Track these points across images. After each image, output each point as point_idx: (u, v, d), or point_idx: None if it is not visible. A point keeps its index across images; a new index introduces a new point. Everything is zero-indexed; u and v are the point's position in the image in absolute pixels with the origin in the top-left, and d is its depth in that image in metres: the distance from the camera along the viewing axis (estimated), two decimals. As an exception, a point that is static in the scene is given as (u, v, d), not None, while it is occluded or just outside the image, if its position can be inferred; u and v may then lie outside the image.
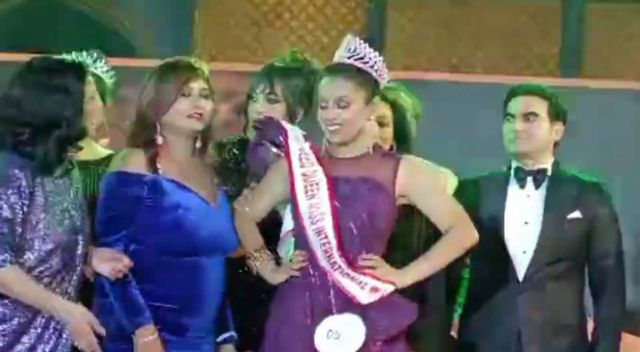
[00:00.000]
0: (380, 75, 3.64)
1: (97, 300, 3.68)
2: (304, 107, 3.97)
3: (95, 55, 4.41)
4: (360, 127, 3.60)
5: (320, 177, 3.58)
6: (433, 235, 3.79)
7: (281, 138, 3.73)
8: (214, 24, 8.59)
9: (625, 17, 8.74)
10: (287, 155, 3.68)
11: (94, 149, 4.24)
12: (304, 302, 3.56)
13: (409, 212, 3.87)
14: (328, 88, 3.58)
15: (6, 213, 3.43)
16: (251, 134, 4.04)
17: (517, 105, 4.18)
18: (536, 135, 4.16)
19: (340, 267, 3.49)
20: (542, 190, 4.18)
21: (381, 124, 4.13)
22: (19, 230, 3.45)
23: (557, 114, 4.19)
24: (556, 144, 4.27)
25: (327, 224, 3.52)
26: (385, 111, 4.15)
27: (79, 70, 3.63)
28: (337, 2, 8.18)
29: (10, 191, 3.44)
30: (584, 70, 8.37)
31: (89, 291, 4.05)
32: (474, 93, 5.53)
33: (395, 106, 4.24)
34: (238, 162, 4.11)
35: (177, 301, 3.64)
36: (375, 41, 8.88)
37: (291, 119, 3.91)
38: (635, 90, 7.26)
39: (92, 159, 4.14)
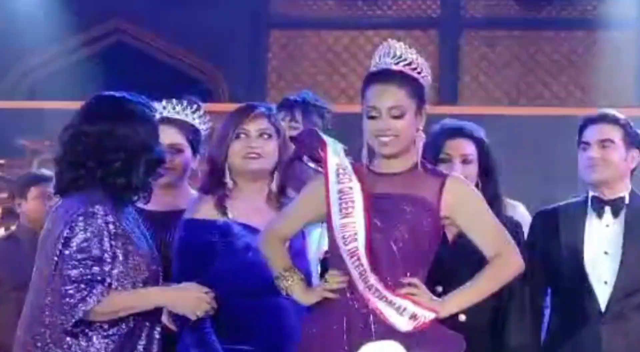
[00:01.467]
0: (426, 82, 3.52)
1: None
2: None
3: (185, 102, 4.34)
4: (411, 139, 3.45)
5: (358, 194, 3.42)
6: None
7: (320, 152, 3.59)
8: (288, 66, 8.79)
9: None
10: (325, 169, 3.54)
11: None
12: (341, 327, 3.44)
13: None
14: (380, 96, 3.43)
15: (95, 251, 3.49)
16: None
17: (592, 132, 4.16)
18: (612, 162, 4.13)
19: (377, 290, 3.36)
20: (621, 219, 4.14)
21: (465, 161, 4.11)
22: (109, 266, 3.52)
23: (632, 141, 4.15)
24: (632, 171, 4.24)
25: (360, 244, 3.38)
26: (471, 148, 4.15)
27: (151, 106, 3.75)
28: (410, 40, 8.27)
29: (96, 229, 3.51)
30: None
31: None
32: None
33: (480, 143, 4.22)
34: None
35: (258, 342, 3.66)
36: (449, 76, 8.95)
37: None
38: None
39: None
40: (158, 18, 9.34)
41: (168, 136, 4.17)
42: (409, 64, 3.43)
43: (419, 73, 3.43)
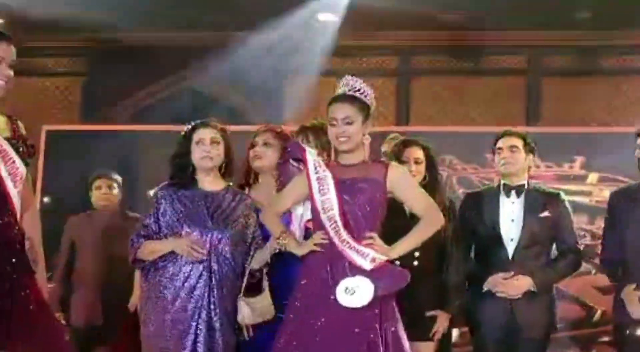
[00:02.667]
0: (370, 102, 4.15)
1: None
2: (325, 149, 4.50)
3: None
4: (359, 140, 4.12)
5: (330, 179, 4.05)
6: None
7: (301, 154, 4.25)
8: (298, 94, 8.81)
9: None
10: (305, 165, 4.17)
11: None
12: (326, 269, 4.00)
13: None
14: (337, 111, 4.08)
15: (148, 220, 4.45)
16: None
17: (505, 142, 5.03)
18: (517, 161, 5.00)
19: (348, 242, 3.95)
20: (522, 198, 5.00)
21: (417, 162, 4.89)
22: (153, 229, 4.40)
23: (529, 148, 5.06)
24: (529, 168, 5.11)
25: (335, 212, 3.99)
26: (420, 153, 4.94)
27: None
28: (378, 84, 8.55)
29: (153, 209, 4.47)
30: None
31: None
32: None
33: (426, 150, 5.01)
34: None
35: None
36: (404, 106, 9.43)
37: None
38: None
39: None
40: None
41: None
42: (358, 90, 4.11)
43: (365, 97, 4.12)
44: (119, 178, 6.24)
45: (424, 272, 4.65)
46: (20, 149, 3.59)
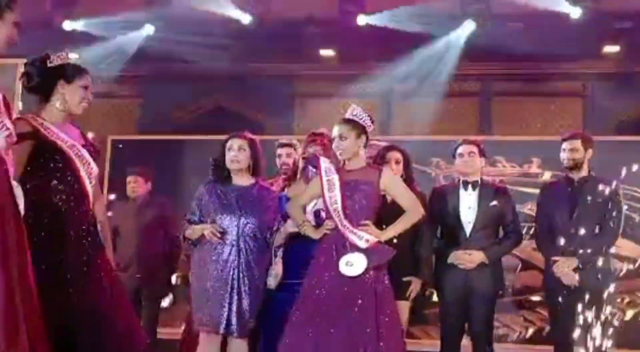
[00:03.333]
0: (367, 125, 4.23)
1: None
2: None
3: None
4: (355, 151, 4.21)
5: (337, 181, 4.14)
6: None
7: (316, 162, 4.38)
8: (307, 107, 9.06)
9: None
10: (319, 171, 4.27)
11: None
12: (332, 248, 4.12)
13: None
14: (336, 130, 4.20)
15: (193, 209, 4.57)
16: None
17: (464, 149, 5.05)
18: (474, 164, 5.02)
19: (348, 227, 4.07)
20: (477, 191, 5.01)
21: (397, 162, 4.89)
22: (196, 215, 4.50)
23: (483, 153, 5.09)
24: (482, 168, 5.12)
25: (339, 205, 4.11)
26: (399, 156, 4.93)
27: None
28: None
29: (197, 200, 4.60)
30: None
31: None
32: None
33: (404, 153, 5.03)
34: None
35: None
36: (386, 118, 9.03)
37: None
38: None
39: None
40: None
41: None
42: (355, 115, 4.25)
43: (360, 119, 4.22)
44: (142, 173, 6.33)
45: (402, 248, 4.62)
46: (90, 152, 3.70)
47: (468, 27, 8.03)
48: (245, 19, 8.18)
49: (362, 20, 8.08)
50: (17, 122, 3.24)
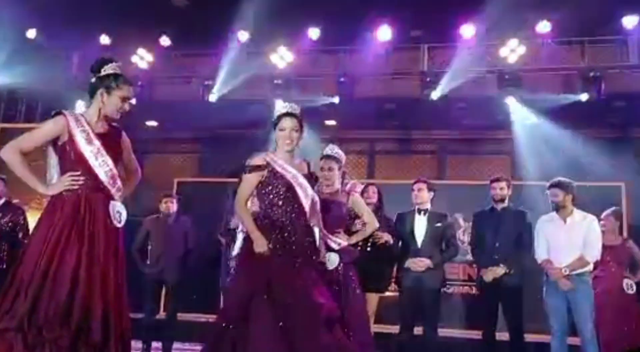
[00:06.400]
0: (342, 160, 4.05)
1: None
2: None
3: None
4: (336, 180, 4.02)
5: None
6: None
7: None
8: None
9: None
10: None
11: None
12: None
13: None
14: (324, 164, 3.99)
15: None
16: None
17: (417, 186, 4.94)
18: (423, 196, 4.97)
19: (327, 235, 3.78)
20: (427, 216, 4.96)
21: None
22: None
23: (430, 188, 4.96)
24: (432, 199, 5.00)
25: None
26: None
27: None
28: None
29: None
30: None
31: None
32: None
33: (379, 190, 4.99)
34: None
35: None
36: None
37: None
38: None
39: None
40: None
41: None
42: (337, 153, 4.05)
43: (339, 156, 4.03)
44: (175, 197, 6.13)
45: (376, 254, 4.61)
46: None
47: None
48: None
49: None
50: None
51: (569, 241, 4.63)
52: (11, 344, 2.55)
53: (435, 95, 7.71)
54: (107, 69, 3.07)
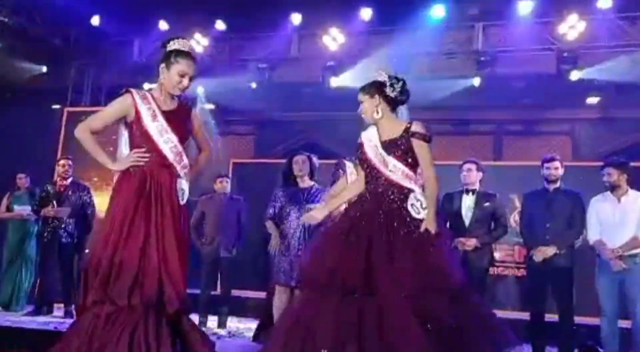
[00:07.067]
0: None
1: None
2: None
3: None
4: None
5: None
6: None
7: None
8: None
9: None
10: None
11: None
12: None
13: None
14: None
15: (272, 203, 4.55)
16: None
17: (466, 166, 4.90)
18: (473, 176, 4.93)
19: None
20: (475, 196, 4.91)
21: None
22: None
23: (480, 168, 4.96)
24: (481, 179, 4.96)
25: None
26: None
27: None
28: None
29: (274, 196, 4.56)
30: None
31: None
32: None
33: None
34: None
35: None
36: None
37: None
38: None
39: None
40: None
41: None
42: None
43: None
44: (228, 177, 6.25)
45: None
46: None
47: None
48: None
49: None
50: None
51: (622, 220, 4.51)
52: (97, 314, 2.74)
53: (491, 74, 7.61)
54: (172, 45, 3.00)
